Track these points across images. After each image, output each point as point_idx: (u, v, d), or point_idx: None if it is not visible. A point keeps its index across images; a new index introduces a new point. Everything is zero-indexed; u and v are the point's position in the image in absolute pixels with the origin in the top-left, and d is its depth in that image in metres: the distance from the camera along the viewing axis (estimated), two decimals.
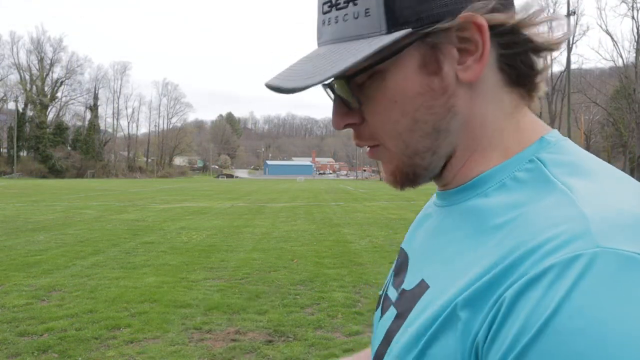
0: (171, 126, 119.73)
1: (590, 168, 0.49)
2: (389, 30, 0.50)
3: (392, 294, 0.62)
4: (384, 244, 10.18)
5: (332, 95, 0.58)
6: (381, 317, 0.62)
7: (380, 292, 0.69)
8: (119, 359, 4.16)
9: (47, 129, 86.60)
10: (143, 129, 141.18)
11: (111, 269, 7.59)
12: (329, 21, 0.54)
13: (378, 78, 0.53)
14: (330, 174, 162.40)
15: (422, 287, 0.52)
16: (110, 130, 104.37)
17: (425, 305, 0.49)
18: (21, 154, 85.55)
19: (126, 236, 11.26)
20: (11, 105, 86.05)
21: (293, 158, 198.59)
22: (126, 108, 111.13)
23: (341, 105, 0.57)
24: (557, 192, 0.46)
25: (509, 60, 0.53)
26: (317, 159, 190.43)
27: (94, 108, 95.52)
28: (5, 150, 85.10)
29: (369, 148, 0.59)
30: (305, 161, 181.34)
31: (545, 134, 0.54)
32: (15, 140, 79.93)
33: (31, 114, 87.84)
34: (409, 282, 0.57)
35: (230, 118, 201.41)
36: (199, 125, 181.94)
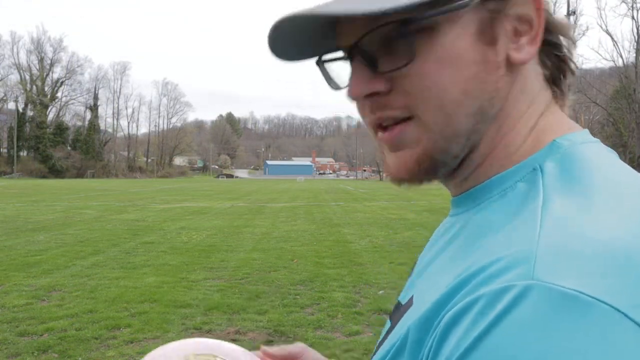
0: (171, 126, 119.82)
1: (592, 183, 0.41)
2: None
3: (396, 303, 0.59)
4: (384, 244, 10.18)
5: (347, 55, 0.49)
6: (386, 324, 0.59)
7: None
8: (119, 359, 4.16)
9: (47, 129, 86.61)
10: (143, 129, 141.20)
11: (111, 269, 7.59)
12: None
13: (428, 33, 0.44)
14: (330, 174, 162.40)
15: (409, 304, 0.49)
16: (110, 130, 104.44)
17: (402, 325, 0.46)
18: (21, 154, 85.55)
19: (126, 236, 11.26)
20: (11, 105, 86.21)
21: (293, 158, 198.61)
22: (126, 108, 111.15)
23: (364, 68, 0.47)
24: (530, 210, 0.40)
25: (551, 54, 0.49)
26: (317, 159, 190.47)
27: (94, 108, 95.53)
28: (5, 150, 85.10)
29: (390, 128, 0.48)
30: (305, 161, 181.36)
31: (559, 136, 0.47)
32: (15, 140, 79.95)
33: (31, 114, 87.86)
34: (404, 295, 0.54)
35: (230, 118, 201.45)
36: (199, 125, 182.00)
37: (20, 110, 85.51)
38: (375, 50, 0.47)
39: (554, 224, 0.38)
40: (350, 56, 0.49)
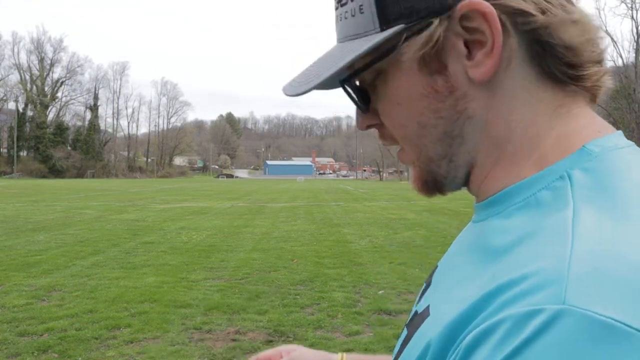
0: (171, 126, 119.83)
1: (627, 196, 0.39)
2: (382, 28, 0.46)
3: (413, 311, 0.56)
4: (384, 244, 10.18)
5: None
6: (403, 331, 0.57)
7: None
8: (119, 359, 4.16)
9: (48, 129, 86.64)
10: (143, 129, 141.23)
11: (111, 269, 7.59)
12: (338, 18, 0.51)
13: (382, 78, 0.49)
14: (330, 174, 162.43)
15: (425, 314, 0.48)
16: (110, 130, 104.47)
17: (419, 337, 0.45)
18: (21, 154, 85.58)
19: (126, 236, 11.26)
20: (11, 105, 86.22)
21: (293, 158, 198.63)
22: (126, 108, 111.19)
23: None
24: (559, 223, 0.38)
25: (544, 51, 0.44)
26: (317, 159, 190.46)
27: (94, 108, 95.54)
28: (6, 150, 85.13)
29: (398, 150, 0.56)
30: (305, 161, 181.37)
31: (589, 141, 0.44)
32: (15, 140, 79.96)
33: (31, 114, 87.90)
34: (422, 304, 0.52)
35: (230, 118, 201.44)
36: (198, 125, 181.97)
37: (21, 110, 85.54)
38: (359, 93, 0.52)
39: (587, 241, 0.35)
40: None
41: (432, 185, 0.52)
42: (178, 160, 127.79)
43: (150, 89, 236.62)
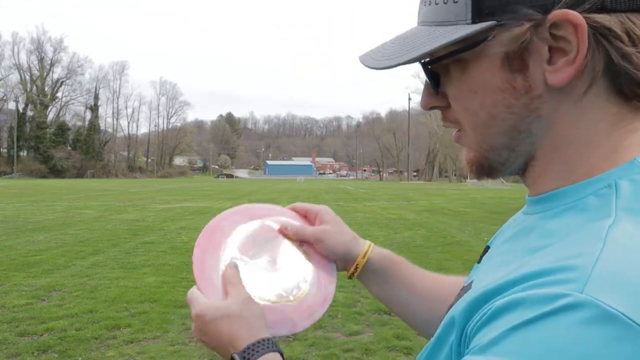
0: (171, 126, 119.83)
1: None
2: (473, 20, 0.48)
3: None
4: (384, 244, 10.16)
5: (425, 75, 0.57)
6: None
7: None
8: (119, 359, 4.16)
9: (48, 129, 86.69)
10: (143, 129, 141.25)
11: (111, 269, 7.59)
12: (427, 2, 0.53)
13: (462, 65, 0.52)
14: (330, 174, 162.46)
15: (469, 287, 0.54)
16: (110, 130, 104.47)
17: (460, 302, 0.50)
18: (21, 154, 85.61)
19: (126, 236, 11.26)
20: (11, 105, 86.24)
21: (293, 158, 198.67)
22: (126, 108, 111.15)
23: (429, 86, 0.57)
24: (598, 226, 0.43)
25: (618, 69, 0.46)
26: (317, 159, 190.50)
27: (94, 108, 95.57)
28: (6, 150, 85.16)
29: (455, 132, 0.59)
30: (305, 161, 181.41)
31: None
32: (15, 140, 79.99)
33: (31, 114, 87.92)
34: (468, 279, 0.60)
35: (230, 118, 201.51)
36: (198, 125, 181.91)
37: (21, 110, 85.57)
38: (436, 75, 0.56)
39: (616, 247, 0.40)
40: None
41: (487, 169, 0.55)
42: (178, 160, 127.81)
43: (150, 89, 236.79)
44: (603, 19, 0.45)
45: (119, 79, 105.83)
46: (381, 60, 0.53)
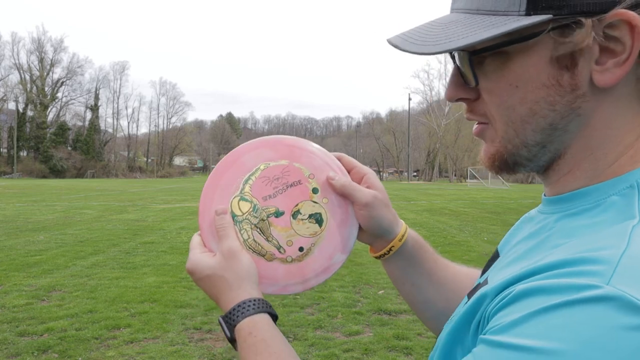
0: (171, 126, 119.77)
1: None
2: (528, 12, 0.46)
3: (475, 284, 0.65)
4: None
5: (453, 64, 0.56)
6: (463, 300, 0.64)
7: None
8: (119, 359, 4.16)
9: (48, 129, 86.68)
10: (143, 129, 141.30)
11: (111, 269, 7.59)
12: None
13: (503, 58, 0.50)
14: None
15: (484, 283, 0.54)
16: (110, 130, 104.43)
17: (476, 295, 0.50)
18: (21, 154, 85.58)
19: (126, 236, 11.26)
20: (11, 105, 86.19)
21: None
22: (126, 108, 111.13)
23: (458, 77, 0.55)
24: (622, 225, 0.44)
25: None
26: None
27: (94, 108, 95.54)
28: (6, 151, 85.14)
29: (476, 125, 0.57)
30: None
31: None
32: (15, 140, 79.97)
33: (31, 114, 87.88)
34: (482, 278, 0.62)
35: (230, 118, 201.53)
36: (198, 125, 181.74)
37: (21, 110, 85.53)
38: (466, 67, 0.53)
39: (637, 244, 0.41)
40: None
41: (511, 164, 0.54)
42: (178, 160, 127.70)
43: (150, 89, 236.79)
44: None
45: (119, 79, 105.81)
46: (422, 45, 0.50)
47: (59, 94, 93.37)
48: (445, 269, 0.86)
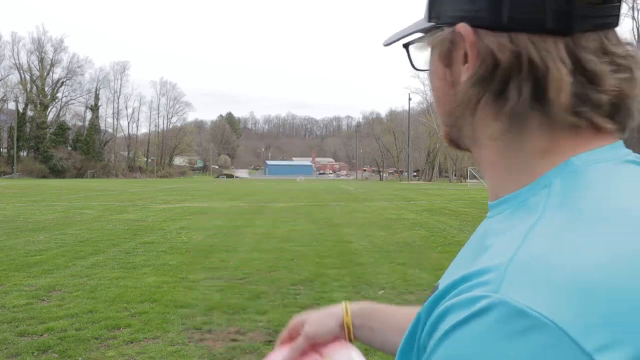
0: (171, 126, 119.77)
1: (581, 208, 0.44)
2: (428, 19, 0.58)
3: None
4: (384, 244, 10.18)
5: None
6: None
7: None
8: (119, 359, 4.16)
9: (48, 129, 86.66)
10: (143, 129, 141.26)
11: (111, 269, 7.59)
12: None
13: (427, 52, 0.61)
14: (330, 174, 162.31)
15: (436, 288, 0.55)
16: (110, 130, 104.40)
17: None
18: (21, 154, 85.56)
19: (126, 236, 11.26)
20: (11, 105, 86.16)
21: (293, 158, 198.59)
22: (126, 108, 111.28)
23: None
24: (523, 226, 0.45)
25: (542, 82, 0.48)
26: (317, 159, 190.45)
27: (94, 108, 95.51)
28: (6, 151, 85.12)
29: None
30: (305, 161, 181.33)
31: (576, 155, 0.49)
32: (15, 140, 79.95)
33: (31, 114, 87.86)
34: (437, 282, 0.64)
35: (230, 118, 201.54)
36: (198, 125, 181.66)
37: (21, 110, 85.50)
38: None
39: (532, 243, 0.42)
40: None
41: (455, 143, 0.61)
42: (178, 160, 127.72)
43: (150, 89, 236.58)
44: (494, 38, 0.49)
45: (120, 79, 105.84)
46: (387, 39, 0.65)
47: (59, 94, 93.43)
48: (397, 313, 0.89)
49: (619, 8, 0.50)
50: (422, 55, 0.62)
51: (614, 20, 0.50)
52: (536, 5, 0.47)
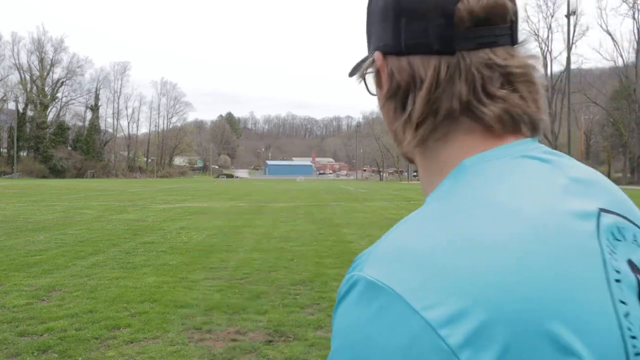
0: (171, 126, 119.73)
1: (453, 201, 0.52)
2: (368, 49, 0.66)
3: None
4: None
5: None
6: None
7: None
8: (119, 359, 4.16)
9: (48, 129, 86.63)
10: (143, 129, 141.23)
11: (111, 269, 7.59)
12: None
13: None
14: (330, 174, 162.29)
15: None
16: (110, 130, 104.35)
17: None
18: (21, 154, 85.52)
19: (126, 236, 11.26)
20: (11, 105, 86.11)
21: (293, 158, 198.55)
22: (126, 108, 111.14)
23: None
24: (403, 219, 0.55)
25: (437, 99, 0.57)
26: (317, 159, 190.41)
27: (94, 108, 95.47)
28: (6, 151, 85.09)
29: None
30: (305, 161, 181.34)
31: (469, 156, 0.57)
32: (15, 140, 79.93)
33: (31, 114, 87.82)
34: None
35: (230, 118, 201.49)
36: (199, 125, 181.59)
37: (21, 110, 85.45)
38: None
39: (393, 234, 0.52)
40: None
41: (405, 156, 0.67)
42: (178, 160, 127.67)
43: (151, 89, 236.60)
44: (397, 61, 0.59)
45: (120, 79, 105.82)
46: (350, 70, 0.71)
47: (59, 94, 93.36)
48: None
49: (509, 28, 0.57)
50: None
51: (504, 39, 0.56)
52: (423, 32, 0.56)
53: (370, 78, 0.67)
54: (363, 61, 0.66)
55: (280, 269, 7.64)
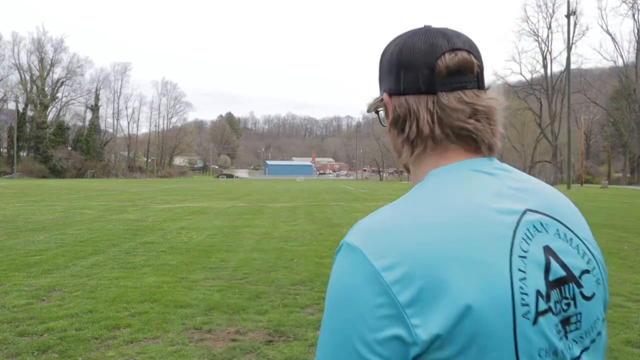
0: (171, 126, 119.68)
1: (413, 197, 0.77)
2: (380, 91, 0.90)
3: None
4: None
5: None
6: None
7: None
8: (119, 359, 4.16)
9: (48, 129, 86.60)
10: (143, 129, 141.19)
11: (111, 269, 7.59)
12: None
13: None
14: (330, 174, 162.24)
15: None
16: (110, 130, 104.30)
17: None
18: (21, 154, 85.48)
19: (126, 236, 11.26)
20: (11, 105, 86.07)
21: (293, 158, 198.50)
22: (126, 108, 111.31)
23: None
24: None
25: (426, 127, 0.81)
26: (317, 159, 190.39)
27: (95, 108, 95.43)
28: (6, 151, 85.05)
29: None
30: (305, 161, 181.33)
31: (436, 168, 0.81)
32: (15, 140, 79.90)
33: (31, 114, 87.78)
34: None
35: (230, 118, 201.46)
36: (199, 125, 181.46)
37: (21, 110, 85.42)
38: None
39: (370, 215, 0.76)
40: None
41: (404, 167, 0.91)
42: (178, 160, 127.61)
43: (151, 89, 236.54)
44: (397, 99, 0.83)
45: (120, 79, 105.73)
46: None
47: (59, 94, 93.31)
48: None
49: (476, 77, 0.79)
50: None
51: (472, 84, 0.79)
52: (415, 80, 0.80)
53: (381, 112, 0.90)
54: (376, 100, 0.89)
55: (280, 269, 7.64)
